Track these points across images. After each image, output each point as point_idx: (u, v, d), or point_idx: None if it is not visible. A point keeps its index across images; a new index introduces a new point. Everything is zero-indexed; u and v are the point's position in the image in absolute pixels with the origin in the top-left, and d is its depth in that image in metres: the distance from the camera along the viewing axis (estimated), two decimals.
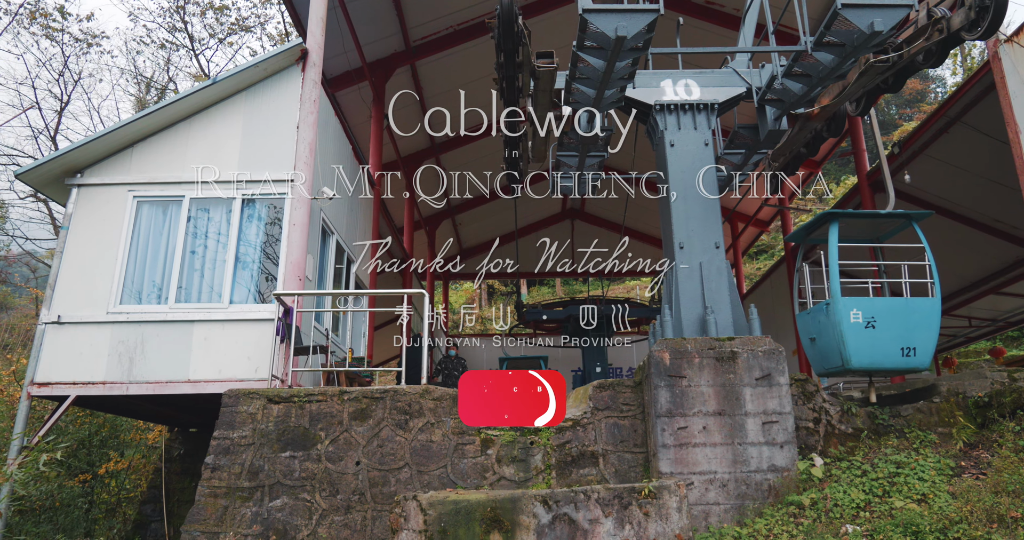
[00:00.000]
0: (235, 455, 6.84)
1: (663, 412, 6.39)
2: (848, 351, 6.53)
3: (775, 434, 6.35)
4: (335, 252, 10.08)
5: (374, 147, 13.13)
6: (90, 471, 11.83)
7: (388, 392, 7.08)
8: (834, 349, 6.68)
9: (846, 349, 6.55)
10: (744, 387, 6.47)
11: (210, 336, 8.18)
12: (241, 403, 7.08)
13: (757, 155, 8.79)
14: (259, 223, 8.73)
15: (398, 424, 6.93)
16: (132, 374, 8.05)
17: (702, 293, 7.09)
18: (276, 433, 6.91)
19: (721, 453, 6.28)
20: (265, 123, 8.99)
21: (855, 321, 6.54)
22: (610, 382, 7.04)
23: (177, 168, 8.87)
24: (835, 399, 7.09)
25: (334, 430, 6.92)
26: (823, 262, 7.04)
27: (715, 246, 7.25)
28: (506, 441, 6.80)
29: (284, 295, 7.63)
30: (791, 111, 7.66)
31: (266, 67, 9.01)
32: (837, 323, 6.61)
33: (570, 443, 6.80)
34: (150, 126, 8.92)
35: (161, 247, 8.66)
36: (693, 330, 7.00)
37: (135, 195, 8.80)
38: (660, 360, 6.52)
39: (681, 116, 7.66)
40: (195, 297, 8.43)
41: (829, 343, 6.76)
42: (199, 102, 8.98)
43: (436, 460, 6.76)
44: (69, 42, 18.88)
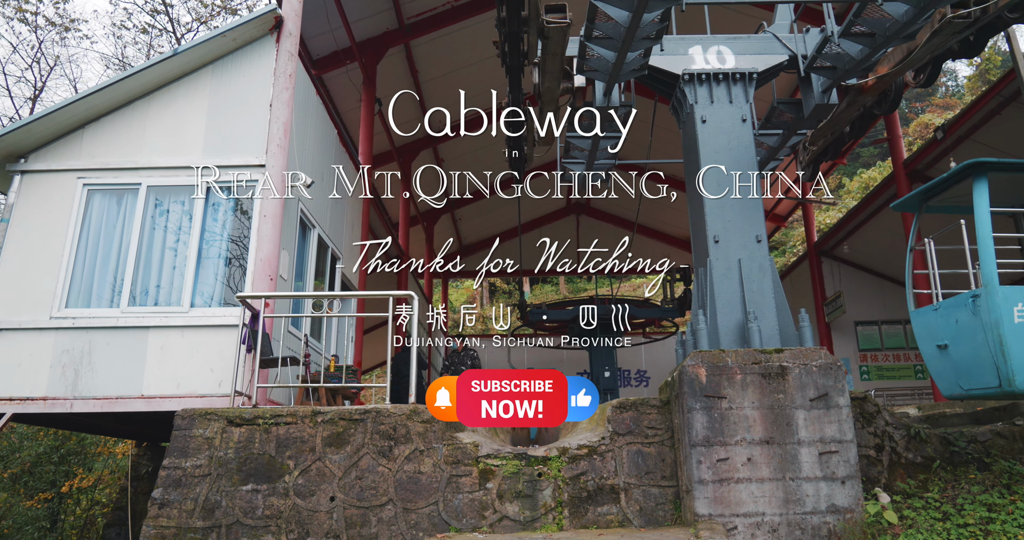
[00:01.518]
0: (188, 488, 5.76)
1: (699, 440, 5.28)
2: (1012, 365, 4.58)
3: (835, 467, 5.24)
4: (317, 248, 8.98)
5: (364, 133, 12.01)
6: (52, 490, 10.73)
7: (369, 413, 5.98)
8: (985, 362, 4.81)
9: (1008, 362, 4.58)
10: (796, 409, 5.36)
11: (168, 344, 7.09)
12: (196, 426, 5.99)
13: (796, 136, 7.68)
14: (226, 215, 7.63)
15: (381, 451, 5.83)
16: (77, 389, 6.97)
17: (742, 295, 5.98)
18: (237, 462, 5.82)
19: (770, 490, 5.18)
20: (234, 101, 7.89)
21: (1022, 320, 4.61)
22: (632, 401, 5.94)
23: (133, 152, 7.78)
24: (900, 421, 5.97)
25: (305, 458, 5.82)
26: (965, 237, 5.08)
27: (756, 240, 6.14)
28: (509, 472, 5.70)
29: (250, 297, 6.53)
30: (842, 82, 6.53)
31: (235, 37, 7.89)
32: (994, 324, 4.65)
33: (585, 475, 5.70)
34: (103, 104, 7.82)
35: (114, 242, 7.56)
36: (732, 340, 5.89)
37: (85, 183, 7.70)
38: (695, 377, 5.41)
39: (714, 88, 6.54)
40: (151, 300, 7.34)
41: (976, 353, 4.89)
42: (159, 77, 7.87)
43: (425, 495, 5.66)
44: (44, 26, 17.79)
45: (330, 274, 9.65)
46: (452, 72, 14.21)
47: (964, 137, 10.68)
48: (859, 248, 15.50)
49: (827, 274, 16.35)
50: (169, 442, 5.99)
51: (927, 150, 11.38)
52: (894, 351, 15.88)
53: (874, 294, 16.23)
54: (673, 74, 6.65)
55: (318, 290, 9.31)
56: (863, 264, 16.26)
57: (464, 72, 14.29)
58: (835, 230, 15.75)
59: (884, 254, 15.41)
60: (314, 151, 9.03)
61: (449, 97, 14.73)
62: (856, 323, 16.05)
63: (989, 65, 35.97)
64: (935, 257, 5.29)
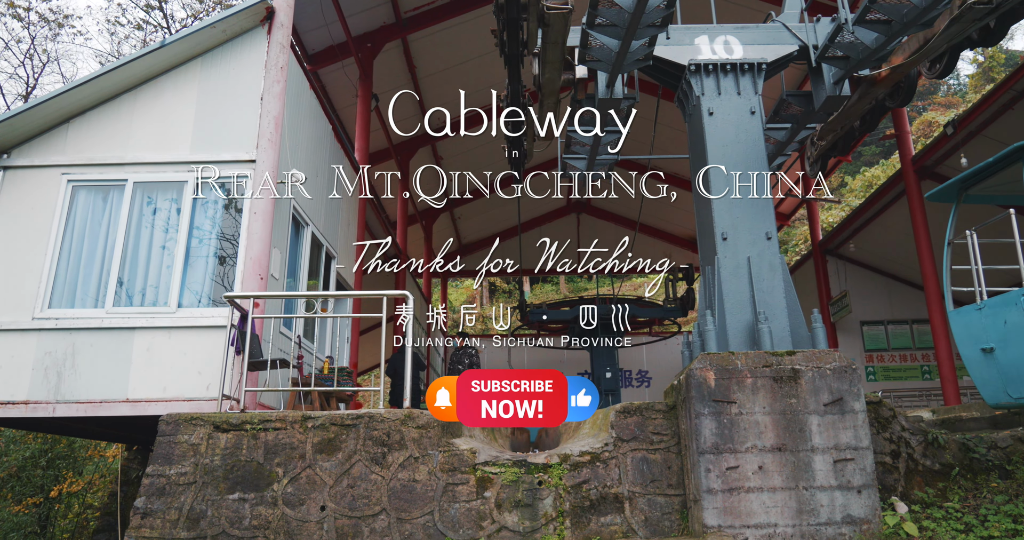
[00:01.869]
0: (172, 497, 5.50)
1: (707, 447, 5.02)
2: None
3: (850, 475, 4.98)
4: (310, 246, 8.72)
5: (360, 130, 11.75)
6: (40, 494, 10.47)
7: (362, 418, 5.72)
8: None
9: None
10: (809, 415, 5.10)
11: (154, 346, 6.84)
12: (181, 431, 5.73)
13: (805, 130, 7.41)
14: (216, 212, 7.37)
15: (374, 458, 5.57)
16: (60, 392, 6.72)
17: (751, 295, 5.72)
18: (223, 469, 5.57)
19: (782, 500, 4.92)
20: (224, 95, 7.64)
21: None
22: (636, 406, 5.68)
23: (119, 147, 7.53)
24: (916, 426, 5.72)
25: (294, 466, 5.57)
26: (1016, 228, 4.64)
27: (766, 237, 5.89)
28: (508, 480, 5.44)
29: (238, 297, 6.28)
30: (855, 72, 6.27)
31: (225, 28, 7.64)
32: None
33: (588, 483, 5.44)
34: (89, 98, 7.57)
35: (99, 240, 7.31)
36: (741, 341, 5.63)
37: (70, 179, 7.45)
38: (703, 381, 5.15)
39: (721, 79, 6.27)
40: (138, 300, 7.09)
41: None
42: (146, 70, 7.62)
43: (420, 504, 5.40)
44: (36, 22, 17.52)
45: (324, 273, 9.40)
46: (451, 68, 13.95)
47: (975, 132, 10.41)
48: (865, 247, 15.24)
49: (832, 273, 16.09)
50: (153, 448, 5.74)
51: (936, 146, 11.11)
52: (900, 351, 15.62)
53: (880, 294, 15.97)
54: (679, 65, 6.38)
55: (312, 290, 9.06)
56: (869, 263, 16.00)
57: (463, 68, 14.03)
58: (841, 228, 15.49)
59: (891, 252, 15.15)
60: (307, 147, 8.78)
61: (448, 94, 14.48)
62: (862, 323, 15.79)
63: (993, 63, 35.71)
64: (978, 251, 4.95)
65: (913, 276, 15.53)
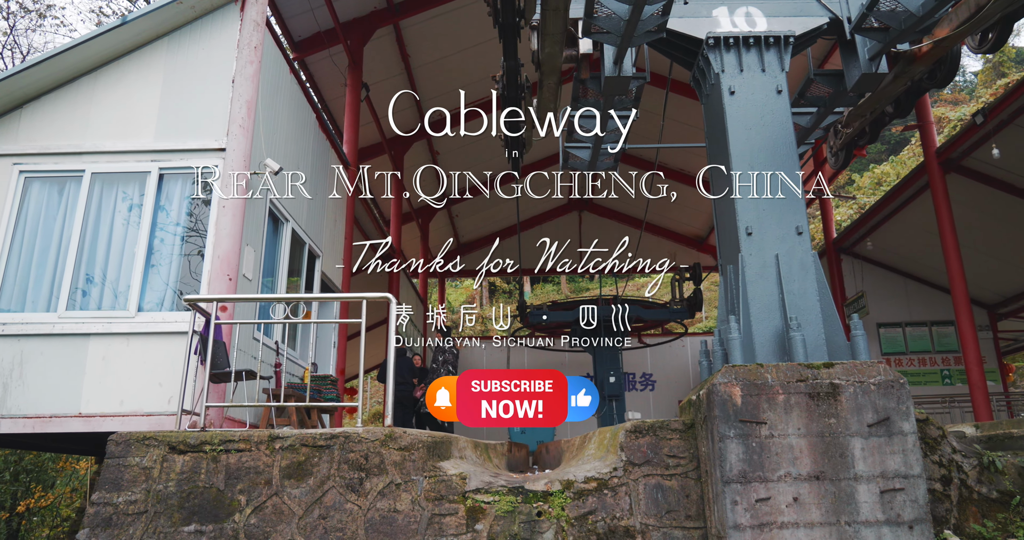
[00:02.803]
0: (119, 529, 4.81)
1: (734, 475, 4.32)
2: None
3: (900, 507, 4.28)
4: (290, 244, 8.03)
5: (350, 121, 11.06)
6: (5, 510, 9.80)
7: (336, 438, 5.03)
8: None
9: None
10: (852, 437, 4.40)
11: (111, 355, 6.16)
12: (132, 453, 5.04)
13: (833, 115, 6.72)
14: (181, 206, 6.68)
15: (349, 485, 4.88)
16: (6, 406, 6.06)
17: (780, 298, 5.02)
18: (178, 497, 4.88)
19: (821, 537, 4.22)
20: (192, 78, 6.96)
21: None
22: (649, 424, 4.98)
23: (77, 135, 6.85)
24: (970, 448, 5.01)
25: (259, 493, 4.88)
26: None
27: (796, 231, 5.18)
28: (502, 511, 4.74)
29: (201, 300, 5.58)
30: (894, 46, 5.57)
31: (194, 4, 6.96)
32: None
33: (594, 514, 4.74)
34: (44, 81, 6.90)
35: (53, 237, 6.63)
36: (770, 352, 4.93)
37: (22, 170, 6.78)
38: (728, 398, 4.45)
39: (744, 54, 5.57)
40: (94, 303, 6.40)
41: None
42: (107, 50, 6.94)
43: (402, 538, 4.71)
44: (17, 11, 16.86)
45: (308, 273, 8.70)
46: (447, 57, 13.24)
47: (1007, 121, 9.69)
48: (883, 245, 14.52)
49: (847, 273, 15.36)
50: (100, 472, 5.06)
51: (963, 137, 10.40)
52: (919, 355, 14.89)
53: (897, 294, 15.24)
54: (695, 39, 5.68)
55: (294, 288, 8.37)
56: (886, 262, 15.27)
57: (460, 57, 13.32)
58: (857, 226, 14.76)
59: (910, 251, 14.42)
60: (287, 137, 8.09)
61: (443, 84, 13.78)
62: (879, 325, 15.06)
63: (1003, 57, 34.94)
64: None
65: (933, 276, 14.80)
